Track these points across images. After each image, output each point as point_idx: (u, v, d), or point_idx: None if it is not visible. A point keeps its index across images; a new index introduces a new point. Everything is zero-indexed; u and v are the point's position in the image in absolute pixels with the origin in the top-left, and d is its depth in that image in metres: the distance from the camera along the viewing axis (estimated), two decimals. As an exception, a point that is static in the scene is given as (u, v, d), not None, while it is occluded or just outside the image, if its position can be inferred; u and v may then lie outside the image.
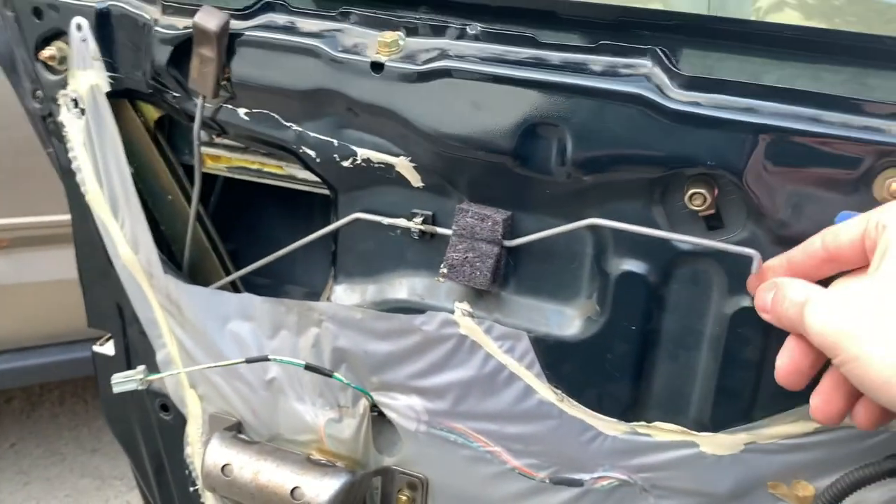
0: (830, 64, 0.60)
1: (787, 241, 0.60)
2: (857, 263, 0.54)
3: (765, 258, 0.60)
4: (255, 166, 0.85)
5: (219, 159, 0.87)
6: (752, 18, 0.63)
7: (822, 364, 0.55)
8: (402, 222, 0.73)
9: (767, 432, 0.64)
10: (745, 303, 0.63)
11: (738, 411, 0.65)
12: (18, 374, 2.16)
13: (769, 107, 0.56)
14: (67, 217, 1.54)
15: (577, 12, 0.66)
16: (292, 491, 0.72)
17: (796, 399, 0.63)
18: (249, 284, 0.91)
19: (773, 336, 0.63)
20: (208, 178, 0.89)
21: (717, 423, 0.66)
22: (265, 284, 0.95)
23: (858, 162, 0.55)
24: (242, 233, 0.98)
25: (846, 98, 0.55)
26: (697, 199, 0.61)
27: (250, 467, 0.74)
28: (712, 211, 0.62)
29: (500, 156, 0.64)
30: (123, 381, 0.81)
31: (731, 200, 0.61)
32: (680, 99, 0.58)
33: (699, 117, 0.57)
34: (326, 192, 0.81)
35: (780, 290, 0.56)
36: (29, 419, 2.78)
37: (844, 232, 0.54)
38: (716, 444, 0.66)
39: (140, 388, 0.81)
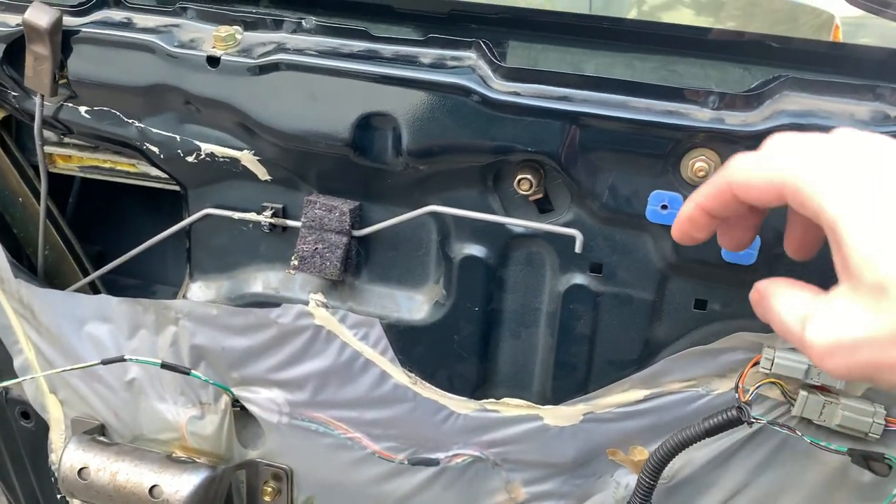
0: (642, 53, 0.64)
1: (609, 221, 0.63)
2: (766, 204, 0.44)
3: (590, 238, 0.64)
4: (107, 165, 0.84)
5: (70, 159, 0.85)
6: (570, 10, 0.67)
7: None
8: (251, 216, 0.73)
9: (603, 402, 0.68)
10: (576, 280, 0.67)
11: (576, 383, 0.69)
12: None
13: (583, 95, 0.60)
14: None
15: (411, 6, 0.68)
16: (151, 489, 0.71)
17: (627, 369, 0.67)
18: (117, 286, 0.90)
19: (603, 310, 0.66)
20: (63, 179, 0.87)
21: (557, 396, 0.70)
22: (134, 285, 0.94)
23: (664, 145, 0.59)
24: (108, 234, 0.96)
25: (653, 85, 0.58)
26: (524, 183, 0.64)
27: (108, 469, 0.73)
28: (540, 195, 0.65)
29: (340, 147, 0.65)
30: (-27, 390, 0.78)
31: (557, 185, 0.65)
32: (501, 89, 0.61)
33: (518, 106, 0.60)
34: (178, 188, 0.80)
35: (773, 304, 0.45)
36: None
37: (752, 183, 0.43)
38: (557, 415, 0.69)
39: (-9, 396, 0.79)
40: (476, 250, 0.68)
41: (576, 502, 0.72)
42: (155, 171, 0.81)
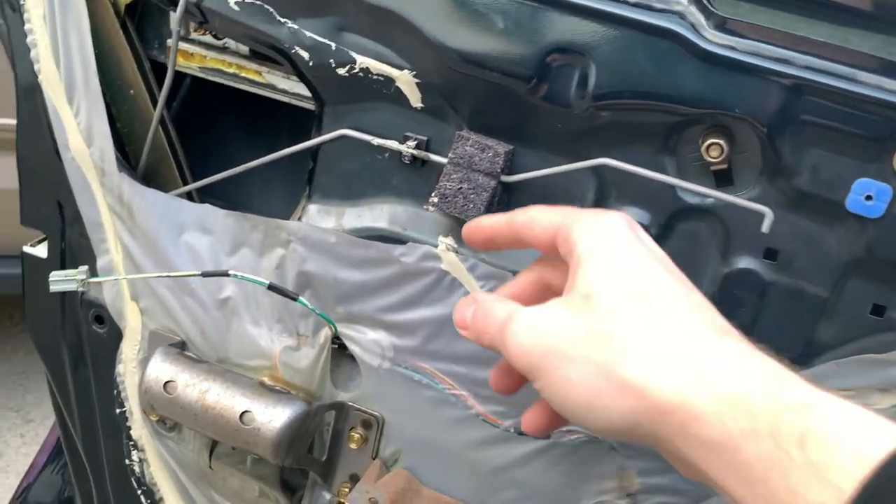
0: (863, 29, 0.59)
1: (798, 205, 0.58)
2: (545, 250, 0.54)
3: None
4: (231, 69, 0.78)
5: (192, 57, 0.79)
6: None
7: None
8: (393, 144, 0.68)
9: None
10: (745, 264, 0.62)
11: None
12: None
13: (805, 60, 0.55)
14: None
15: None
16: (242, 415, 0.67)
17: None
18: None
19: (770, 301, 0.61)
20: (175, 78, 0.82)
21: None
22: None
23: (886, 128, 0.54)
24: (196, 146, 0.91)
25: (885, 60, 0.53)
26: (715, 150, 0.59)
27: (198, 386, 0.68)
28: (725, 165, 0.60)
29: (517, 80, 0.60)
30: (62, 281, 0.73)
31: (745, 157, 0.60)
32: (715, 41, 0.56)
33: (733, 62, 0.55)
34: (306, 106, 0.75)
35: (480, 306, 0.53)
36: (-81, 339, 2.59)
37: (539, 222, 0.54)
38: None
39: (79, 289, 0.74)
40: (637, 215, 0.63)
41: (691, 502, 0.67)
42: (284, 84, 0.76)
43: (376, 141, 0.68)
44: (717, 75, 0.56)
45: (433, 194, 0.66)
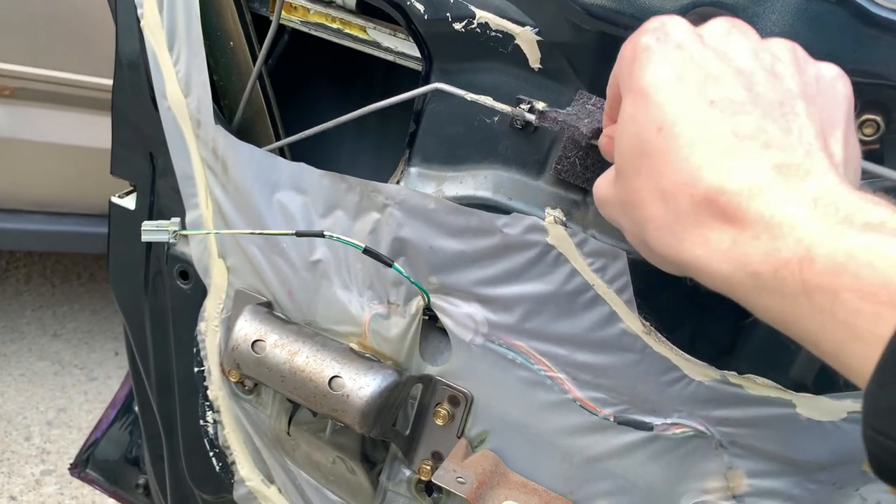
0: None
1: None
2: None
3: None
4: (335, 24, 0.76)
5: (295, 10, 0.77)
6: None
7: None
8: (505, 108, 0.64)
9: (879, 404, 0.58)
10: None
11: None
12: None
13: None
14: (79, 77, 1.42)
15: None
16: (331, 380, 0.64)
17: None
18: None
19: None
20: (276, 33, 0.80)
21: (819, 387, 0.60)
22: None
23: None
24: (288, 104, 0.89)
25: None
26: (869, 127, 0.53)
27: (287, 347, 0.66)
28: (877, 146, 0.54)
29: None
30: (154, 231, 0.72)
31: (892, 138, 0.54)
32: (888, 6, 0.50)
33: (907, 29, 0.50)
34: (410, 65, 0.72)
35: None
36: (-10, 292, 2.66)
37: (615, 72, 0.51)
38: (815, 407, 0.59)
39: (171, 241, 0.72)
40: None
41: (804, 509, 0.62)
42: (388, 42, 0.73)
43: (469, 96, 0.64)
44: (885, 44, 0.50)
45: (557, 160, 0.62)
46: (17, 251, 2.75)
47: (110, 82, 0.81)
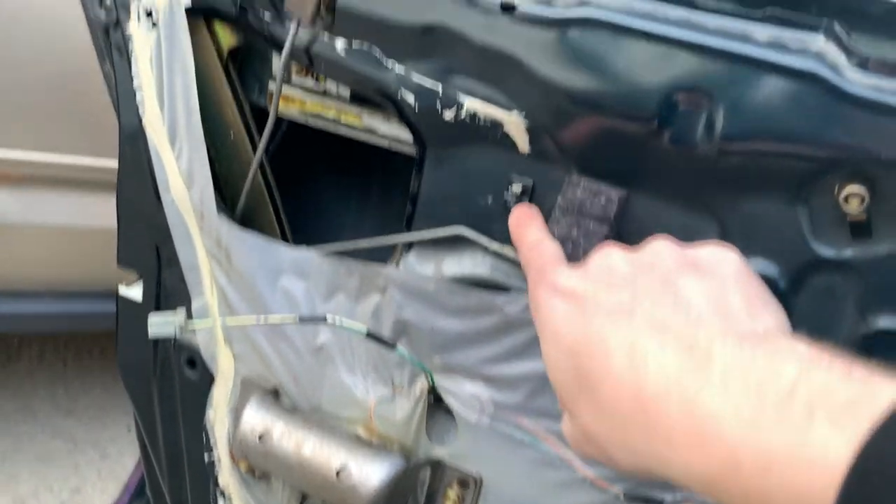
0: None
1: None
2: None
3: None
4: (331, 114, 0.78)
5: (292, 102, 0.79)
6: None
7: None
8: (511, 253, 0.65)
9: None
10: (884, 324, 0.56)
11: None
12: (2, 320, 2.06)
13: (963, 103, 0.50)
14: (85, 161, 1.45)
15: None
16: (338, 471, 0.64)
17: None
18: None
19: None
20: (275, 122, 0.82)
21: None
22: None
23: None
24: (287, 189, 0.91)
25: None
26: (854, 201, 0.54)
27: (293, 437, 0.66)
28: (864, 217, 0.55)
29: (636, 123, 0.57)
30: (160, 325, 0.72)
31: (886, 208, 0.55)
32: (860, 82, 0.52)
33: (882, 105, 0.51)
34: (405, 150, 0.74)
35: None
36: (3, 371, 2.67)
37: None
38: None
39: (178, 334, 0.73)
40: (764, 266, 0.59)
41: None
42: (385, 128, 0.75)
43: (494, 246, 0.66)
44: (860, 118, 0.51)
45: None
46: (29, 329, 2.77)
47: (115, 164, 0.83)
